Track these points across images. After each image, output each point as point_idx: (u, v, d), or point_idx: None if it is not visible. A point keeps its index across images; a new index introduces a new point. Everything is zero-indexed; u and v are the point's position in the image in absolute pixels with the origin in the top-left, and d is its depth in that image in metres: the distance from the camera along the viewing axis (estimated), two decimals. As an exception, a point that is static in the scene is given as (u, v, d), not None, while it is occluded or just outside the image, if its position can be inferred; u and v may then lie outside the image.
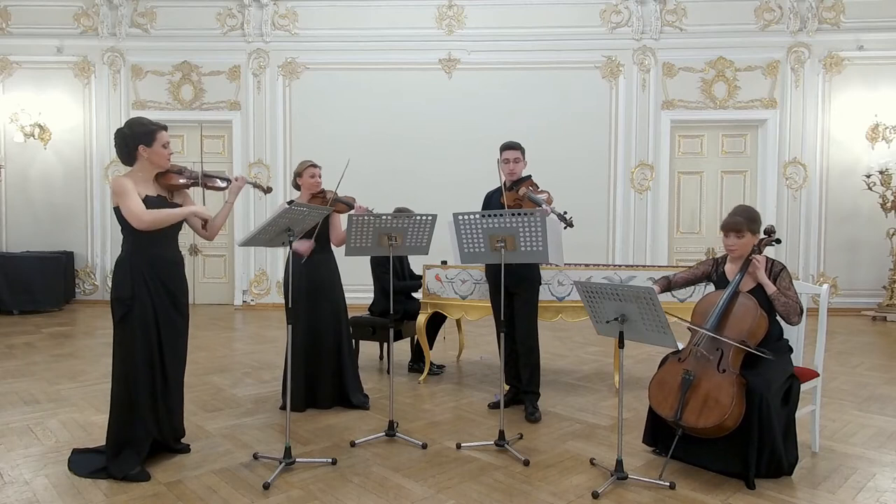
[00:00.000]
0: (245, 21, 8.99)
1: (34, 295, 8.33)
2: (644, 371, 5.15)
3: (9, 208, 9.14)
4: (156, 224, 3.02)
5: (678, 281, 3.50)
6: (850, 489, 2.96)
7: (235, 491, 2.91)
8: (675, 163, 9.02)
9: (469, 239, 3.47)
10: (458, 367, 5.52)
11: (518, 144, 4.19)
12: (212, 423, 3.86)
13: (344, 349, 4.28)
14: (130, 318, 3.03)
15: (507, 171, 4.13)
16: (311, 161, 4.32)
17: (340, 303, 4.32)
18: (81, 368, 5.30)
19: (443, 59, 8.98)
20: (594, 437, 3.67)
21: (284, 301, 3.91)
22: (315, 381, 4.19)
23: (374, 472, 3.15)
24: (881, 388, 4.80)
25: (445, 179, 8.64)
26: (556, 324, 4.81)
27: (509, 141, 4.21)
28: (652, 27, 8.80)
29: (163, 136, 3.10)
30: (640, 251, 8.87)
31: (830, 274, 8.71)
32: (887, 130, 8.47)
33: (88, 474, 3.04)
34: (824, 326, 3.39)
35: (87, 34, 9.03)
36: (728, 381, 2.96)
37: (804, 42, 8.67)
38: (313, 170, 4.27)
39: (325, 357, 4.18)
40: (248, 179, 3.51)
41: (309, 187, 4.27)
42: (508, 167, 4.13)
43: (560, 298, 4.65)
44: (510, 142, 4.20)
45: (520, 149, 4.17)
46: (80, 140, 9.09)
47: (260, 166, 9.07)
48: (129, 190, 2.99)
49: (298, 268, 4.06)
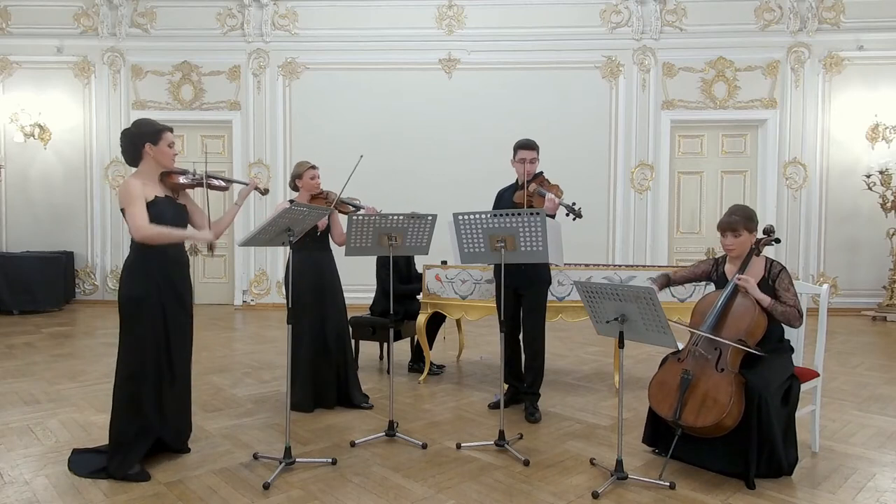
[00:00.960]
0: (245, 21, 8.99)
1: (34, 295, 8.32)
2: (644, 371, 5.15)
3: (9, 208, 9.14)
4: (155, 240, 3.04)
5: (678, 278, 3.50)
6: (850, 489, 2.96)
7: (235, 491, 2.91)
8: (675, 163, 9.02)
9: (469, 239, 3.47)
10: (458, 367, 5.52)
11: (535, 144, 4.10)
12: (212, 423, 3.86)
13: (347, 349, 4.29)
14: (140, 317, 3.05)
15: (522, 172, 4.06)
16: (310, 162, 4.32)
17: (342, 303, 4.32)
18: (81, 368, 5.30)
19: (443, 59, 8.98)
20: (594, 437, 3.67)
21: (285, 301, 3.91)
22: (320, 381, 4.19)
23: (374, 472, 3.15)
24: (881, 388, 4.80)
25: (445, 179, 8.64)
26: (556, 324, 4.80)
27: (526, 140, 4.12)
28: (652, 27, 8.81)
29: (168, 136, 3.14)
30: (640, 251, 8.87)
31: (830, 274, 8.71)
32: (887, 130, 8.47)
33: (88, 474, 3.04)
34: (824, 326, 3.39)
35: (87, 34, 9.03)
36: (726, 381, 2.96)
37: (804, 42, 8.68)
38: (313, 171, 4.27)
39: (329, 357, 4.18)
40: (256, 183, 3.53)
41: (309, 188, 4.27)
42: (524, 167, 4.05)
43: (560, 298, 4.65)
44: (527, 141, 4.11)
45: (536, 149, 4.09)
46: (80, 140, 9.09)
47: (260, 166, 9.07)
48: (135, 197, 3.01)
49: (300, 267, 4.06)
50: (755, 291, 3.10)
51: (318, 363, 4.17)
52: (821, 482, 3.04)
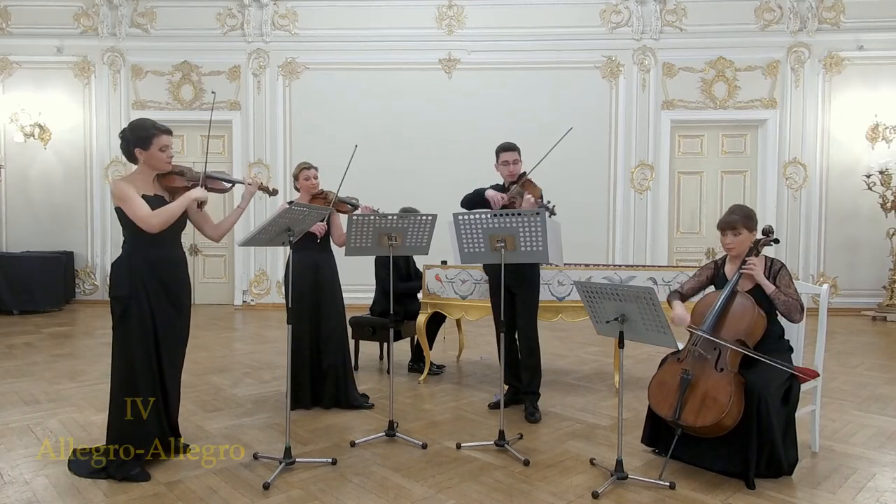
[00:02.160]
0: (245, 21, 8.99)
1: (34, 295, 8.33)
2: (644, 371, 5.15)
3: (9, 208, 9.14)
4: (165, 223, 3.03)
5: (687, 291, 3.46)
6: (850, 489, 2.96)
7: (235, 491, 2.91)
8: (675, 163, 9.02)
9: (469, 239, 3.47)
10: (458, 367, 5.52)
11: (516, 146, 4.13)
12: (212, 423, 3.86)
13: (345, 349, 4.30)
14: (128, 317, 3.02)
15: (507, 174, 4.10)
16: (306, 163, 4.31)
17: (340, 303, 4.32)
18: (81, 368, 5.30)
19: (443, 59, 8.98)
20: (594, 437, 3.67)
21: (285, 301, 3.92)
22: (318, 380, 4.20)
23: (374, 472, 3.15)
24: (881, 388, 4.80)
25: (445, 179, 8.62)
26: (556, 324, 4.81)
27: (507, 143, 4.16)
28: (652, 27, 8.80)
29: (161, 140, 3.07)
30: (640, 251, 8.87)
31: (830, 274, 8.71)
32: (887, 130, 8.47)
33: (88, 474, 3.04)
34: (824, 326, 3.39)
35: (87, 34, 9.03)
36: (726, 380, 2.96)
37: (804, 42, 8.67)
38: (307, 172, 4.25)
39: (328, 356, 4.19)
40: (259, 183, 3.45)
41: (306, 189, 4.26)
42: (508, 169, 4.09)
43: (560, 298, 4.65)
44: (508, 143, 4.15)
45: (518, 150, 4.12)
46: (80, 140, 9.09)
47: (260, 166, 9.07)
48: (130, 195, 3.00)
49: (300, 268, 4.06)
50: (760, 277, 3.13)
51: (316, 363, 4.18)
52: (821, 482, 3.04)
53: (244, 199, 3.36)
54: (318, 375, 4.20)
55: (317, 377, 4.20)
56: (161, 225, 3.01)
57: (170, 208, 3.07)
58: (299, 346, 4.11)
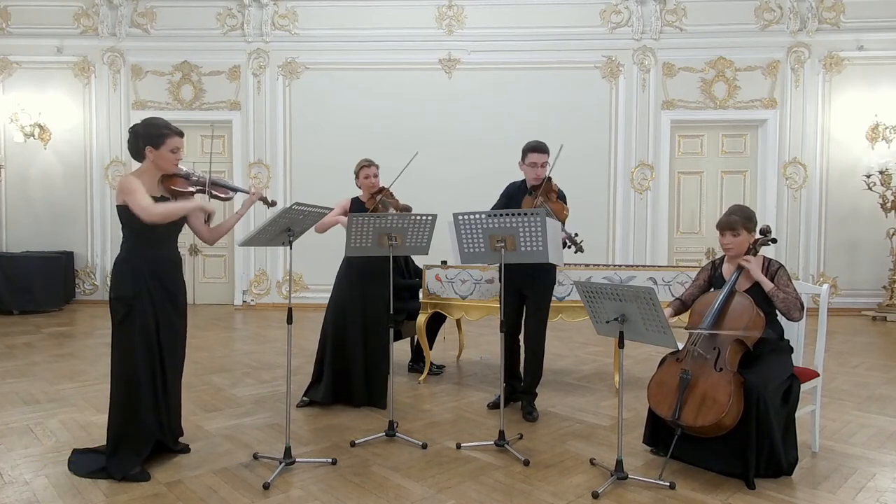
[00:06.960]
0: (245, 21, 8.98)
1: (34, 295, 8.32)
2: (644, 371, 5.15)
3: (9, 208, 9.13)
4: (165, 217, 3.02)
5: (688, 297, 3.46)
6: (850, 489, 2.96)
7: (235, 491, 2.92)
8: (675, 163, 9.02)
9: (469, 239, 3.47)
10: (458, 367, 5.52)
11: (546, 147, 3.96)
12: (212, 423, 3.86)
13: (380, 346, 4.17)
14: (131, 318, 3.02)
15: (533, 176, 3.97)
16: (366, 160, 4.28)
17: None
18: (81, 368, 5.30)
19: (443, 59, 8.98)
20: (594, 437, 3.67)
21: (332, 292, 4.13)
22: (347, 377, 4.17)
23: (374, 472, 3.15)
24: (881, 388, 4.80)
25: (445, 179, 8.63)
26: (556, 324, 4.80)
27: (537, 143, 3.97)
28: (652, 27, 8.80)
29: (173, 141, 3.08)
30: (640, 251, 8.87)
31: (830, 274, 8.71)
32: (887, 130, 8.46)
33: (88, 474, 3.04)
34: (824, 326, 3.39)
35: (87, 34, 9.02)
36: (725, 380, 2.96)
37: (804, 42, 8.67)
38: (367, 170, 4.24)
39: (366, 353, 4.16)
40: (261, 194, 3.41)
41: (366, 188, 4.25)
42: (535, 171, 3.95)
43: (560, 298, 4.65)
44: (538, 143, 3.96)
45: (548, 151, 3.95)
46: (80, 140, 9.08)
47: (260, 166, 9.07)
48: (136, 187, 2.99)
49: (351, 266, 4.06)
50: (757, 273, 3.13)
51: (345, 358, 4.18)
52: (821, 482, 3.04)
53: (244, 206, 3.35)
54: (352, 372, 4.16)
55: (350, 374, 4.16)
56: (161, 216, 3.00)
57: (174, 204, 3.08)
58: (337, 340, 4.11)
